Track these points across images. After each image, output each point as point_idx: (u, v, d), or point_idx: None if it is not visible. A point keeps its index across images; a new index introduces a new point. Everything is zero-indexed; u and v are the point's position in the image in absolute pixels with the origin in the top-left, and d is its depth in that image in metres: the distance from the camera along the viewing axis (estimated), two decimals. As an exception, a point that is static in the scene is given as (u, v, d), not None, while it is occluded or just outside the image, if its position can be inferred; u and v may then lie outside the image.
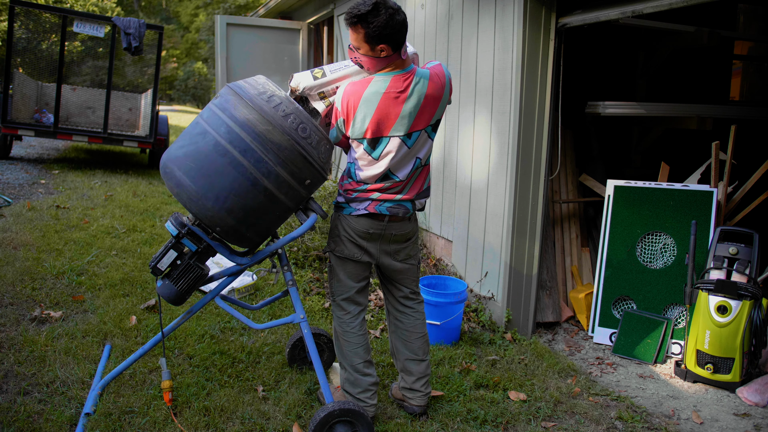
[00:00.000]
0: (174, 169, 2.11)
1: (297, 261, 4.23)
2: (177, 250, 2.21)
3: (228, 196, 2.06)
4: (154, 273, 2.21)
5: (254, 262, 2.31)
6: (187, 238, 2.21)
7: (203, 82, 31.40)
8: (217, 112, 2.11)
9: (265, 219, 2.18)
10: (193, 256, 2.23)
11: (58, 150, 9.63)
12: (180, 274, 2.21)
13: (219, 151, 2.05)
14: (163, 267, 2.20)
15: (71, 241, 4.32)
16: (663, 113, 4.21)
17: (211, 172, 2.05)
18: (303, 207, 2.28)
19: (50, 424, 2.22)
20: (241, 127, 2.04)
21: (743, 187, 3.78)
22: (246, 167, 2.04)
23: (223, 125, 2.06)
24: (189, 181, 2.08)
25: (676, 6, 2.80)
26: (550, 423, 2.62)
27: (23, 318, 3.07)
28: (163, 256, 2.21)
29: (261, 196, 2.09)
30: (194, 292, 3.38)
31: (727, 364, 3.11)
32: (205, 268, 2.27)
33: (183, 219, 2.22)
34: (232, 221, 2.10)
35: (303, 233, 2.26)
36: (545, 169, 3.65)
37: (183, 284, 2.20)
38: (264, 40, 7.51)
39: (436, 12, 4.40)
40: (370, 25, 2.14)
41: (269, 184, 2.08)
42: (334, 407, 2.15)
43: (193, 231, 2.21)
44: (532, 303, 3.73)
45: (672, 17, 3.88)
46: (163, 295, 2.21)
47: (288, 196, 2.15)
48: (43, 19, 8.46)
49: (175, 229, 2.20)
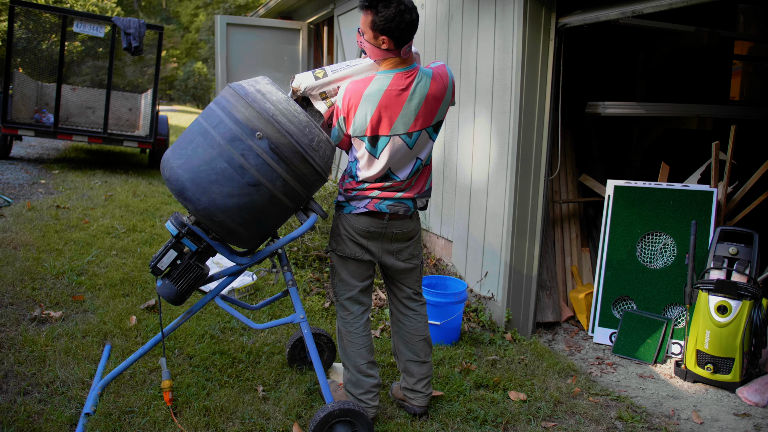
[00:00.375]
0: (174, 168, 2.11)
1: (297, 261, 4.23)
2: (177, 249, 2.21)
3: (229, 197, 2.06)
4: (154, 273, 2.21)
5: (254, 262, 2.31)
6: (187, 238, 2.21)
7: (203, 82, 31.40)
8: (217, 111, 2.11)
9: (266, 220, 2.18)
10: (193, 256, 2.23)
11: (58, 150, 9.63)
12: (180, 273, 2.21)
13: (223, 156, 2.04)
14: (163, 267, 2.20)
15: (71, 241, 4.32)
16: (663, 113, 4.21)
17: (213, 174, 2.05)
18: (303, 207, 2.28)
19: (50, 424, 2.22)
20: (242, 129, 2.04)
21: (743, 187, 3.78)
22: (247, 169, 2.04)
23: (222, 124, 2.06)
24: (189, 183, 2.07)
25: (676, 6, 2.80)
26: (550, 423, 2.62)
27: (23, 318, 3.07)
28: (163, 256, 2.20)
29: (263, 198, 2.09)
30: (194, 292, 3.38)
31: (727, 364, 3.11)
32: (205, 268, 2.27)
33: (183, 219, 2.22)
34: (231, 223, 2.10)
35: (303, 233, 2.26)
36: (545, 169, 3.65)
37: (183, 284, 2.20)
38: (264, 40, 7.51)
39: (436, 12, 4.40)
40: (378, 13, 2.15)
41: (271, 186, 2.08)
42: (334, 407, 2.15)
43: (193, 231, 2.21)
44: (532, 303, 3.73)
45: (672, 17, 3.88)
46: (162, 295, 2.21)
47: (289, 197, 2.15)
48: (43, 19, 8.46)
49: (175, 229, 2.19)
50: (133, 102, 9.29)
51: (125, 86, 9.83)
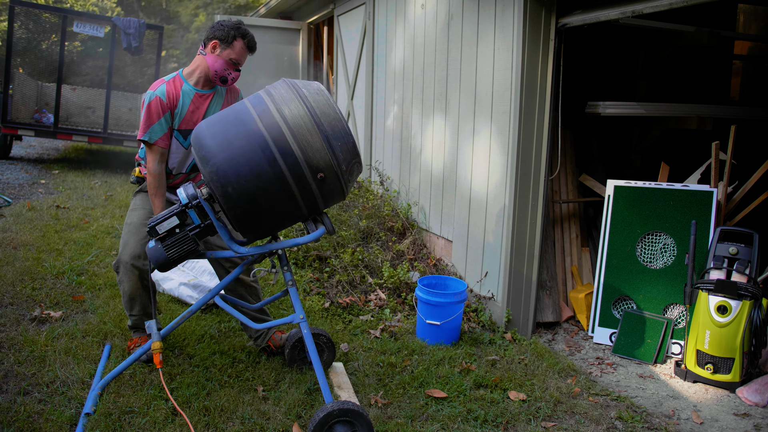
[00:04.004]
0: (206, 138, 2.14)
1: (297, 261, 4.23)
2: (180, 218, 2.22)
3: (253, 184, 2.09)
4: (150, 233, 2.21)
5: (251, 254, 2.31)
6: (194, 211, 2.22)
7: (203, 82, 31.36)
8: (266, 100, 2.16)
9: (273, 216, 2.20)
10: (194, 230, 2.23)
11: (58, 150, 9.64)
12: (175, 242, 2.21)
13: (261, 145, 2.09)
14: (160, 230, 2.20)
15: (71, 241, 4.32)
16: (663, 113, 4.21)
17: (244, 157, 2.09)
18: (314, 218, 2.31)
19: (50, 424, 2.22)
20: (288, 127, 2.09)
21: (743, 187, 3.78)
22: (281, 167, 2.09)
23: (269, 115, 2.11)
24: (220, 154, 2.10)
25: (676, 6, 2.80)
26: (550, 423, 2.62)
27: (23, 318, 3.07)
28: (165, 220, 2.21)
29: (283, 195, 2.13)
30: (181, 301, 3.37)
31: (727, 364, 3.11)
32: (200, 246, 2.27)
33: (196, 191, 2.22)
34: (240, 198, 2.11)
35: (307, 243, 2.29)
36: (545, 169, 3.65)
37: (174, 253, 2.21)
38: (264, 40, 7.50)
39: (436, 12, 4.40)
40: None
41: (295, 188, 2.13)
42: (334, 407, 2.15)
43: (201, 206, 2.22)
44: (532, 303, 3.73)
45: (672, 17, 3.88)
46: (150, 257, 2.21)
47: (307, 203, 2.20)
48: (43, 19, 8.47)
49: (186, 198, 2.20)
50: (133, 102, 9.30)
51: (125, 86, 9.83)
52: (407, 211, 4.86)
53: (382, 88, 5.44)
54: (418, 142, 4.76)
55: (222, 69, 2.64)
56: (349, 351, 3.14)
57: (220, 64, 2.63)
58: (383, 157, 5.45)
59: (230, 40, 2.62)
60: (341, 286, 3.95)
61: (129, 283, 2.66)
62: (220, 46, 2.63)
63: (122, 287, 2.70)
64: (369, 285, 3.99)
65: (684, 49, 4.82)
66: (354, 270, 4.07)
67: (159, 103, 2.57)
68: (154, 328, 2.38)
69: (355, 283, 4.00)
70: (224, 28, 2.63)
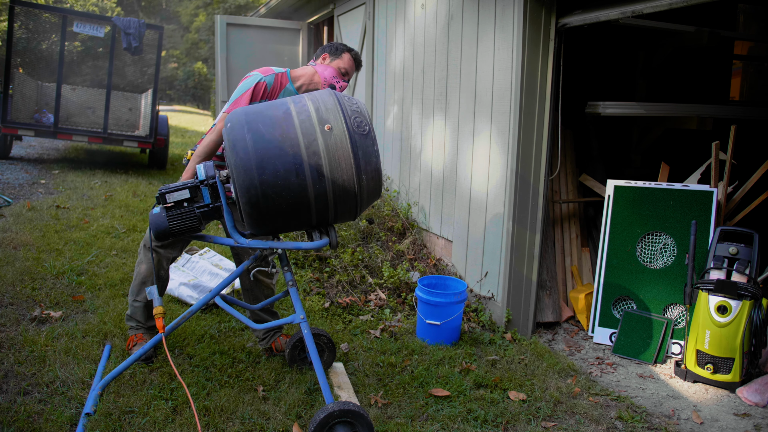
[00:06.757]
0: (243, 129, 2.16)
1: (297, 261, 4.23)
2: (192, 193, 2.24)
3: (274, 186, 2.11)
4: (158, 199, 2.23)
5: (250, 246, 2.33)
6: (208, 189, 2.24)
7: (203, 82, 31.38)
8: (311, 109, 2.19)
9: (284, 216, 2.22)
10: (201, 208, 2.24)
11: (58, 150, 9.64)
12: (179, 214, 2.23)
13: (294, 155, 2.13)
14: (170, 199, 2.22)
15: (71, 241, 4.32)
16: (663, 113, 4.21)
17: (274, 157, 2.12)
18: (320, 228, 2.35)
19: (50, 424, 2.22)
20: (326, 147, 2.14)
21: (743, 187, 3.78)
22: (307, 181, 2.14)
23: (309, 119, 2.16)
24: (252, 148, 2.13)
25: (676, 6, 2.80)
26: (550, 423, 2.62)
27: (23, 318, 3.07)
28: (177, 191, 2.22)
29: (299, 203, 2.17)
30: (182, 303, 3.37)
31: (727, 364, 3.11)
32: (202, 225, 2.29)
33: (215, 172, 2.24)
34: (257, 188, 2.13)
35: (308, 249, 2.32)
36: (545, 169, 3.65)
37: (176, 225, 2.22)
38: (264, 40, 7.51)
39: (436, 12, 4.40)
40: None
41: (311, 197, 2.17)
42: (334, 408, 2.15)
43: (216, 187, 2.24)
44: (532, 303, 3.73)
45: (672, 17, 3.88)
46: (152, 223, 2.22)
47: (318, 216, 2.24)
48: (43, 19, 8.47)
49: (203, 175, 2.23)
50: (133, 102, 9.30)
51: (125, 86, 9.83)
52: (407, 211, 4.86)
53: (382, 88, 5.44)
54: (418, 142, 4.76)
55: (331, 77, 2.85)
56: (349, 351, 3.15)
57: (330, 72, 2.85)
58: (383, 157, 5.45)
59: (339, 53, 2.88)
60: (341, 286, 3.95)
61: (147, 265, 2.74)
62: (329, 57, 2.89)
63: (138, 268, 2.78)
64: (369, 285, 3.99)
65: (684, 49, 4.82)
66: (354, 270, 4.07)
67: (264, 88, 2.70)
68: (155, 293, 2.41)
69: (355, 283, 4.00)
70: (333, 45, 2.92)
